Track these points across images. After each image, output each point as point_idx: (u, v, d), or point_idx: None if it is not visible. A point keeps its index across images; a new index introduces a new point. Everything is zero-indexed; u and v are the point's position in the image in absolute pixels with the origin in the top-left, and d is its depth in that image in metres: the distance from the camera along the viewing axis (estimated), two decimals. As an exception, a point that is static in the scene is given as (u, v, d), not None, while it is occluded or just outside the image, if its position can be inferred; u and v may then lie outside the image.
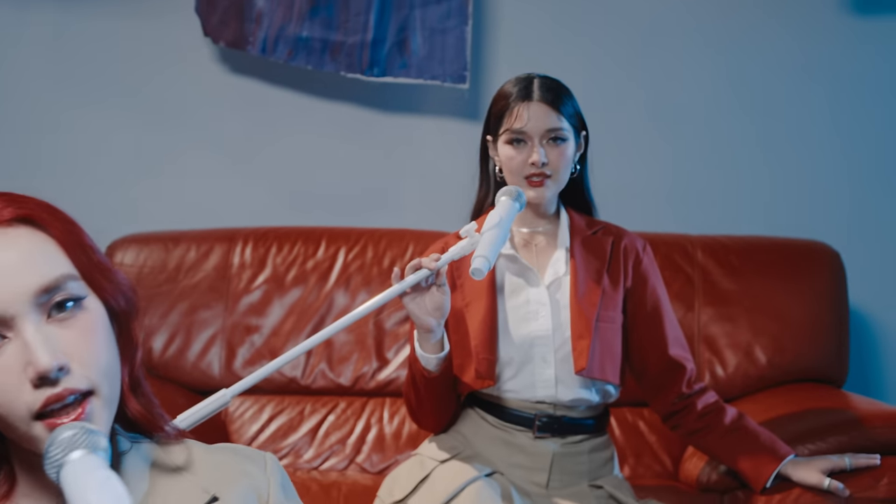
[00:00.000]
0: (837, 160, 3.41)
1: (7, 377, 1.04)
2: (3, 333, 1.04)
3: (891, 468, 2.18)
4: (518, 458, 2.10)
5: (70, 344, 1.06)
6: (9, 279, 1.04)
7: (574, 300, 2.10)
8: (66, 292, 1.07)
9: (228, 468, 1.19)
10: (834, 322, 2.87)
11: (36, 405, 1.03)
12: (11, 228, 1.08)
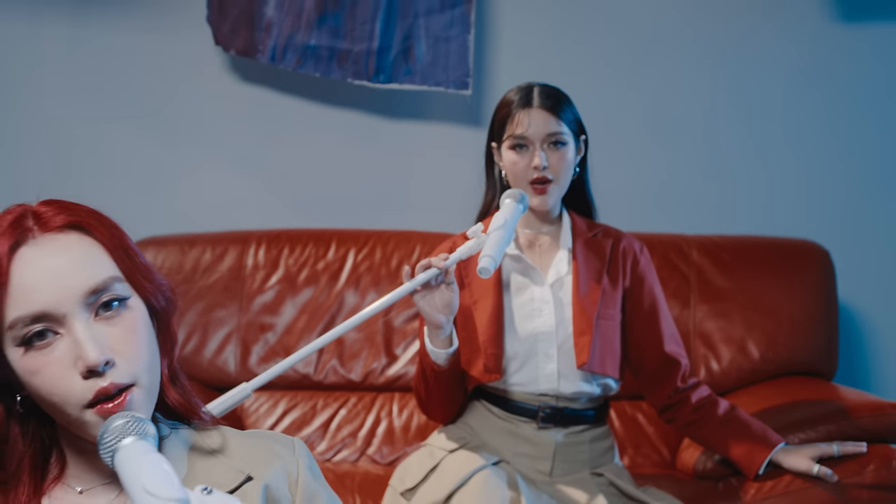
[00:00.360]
0: (827, 162, 3.45)
1: (59, 369, 1.12)
2: (55, 330, 1.12)
3: (877, 455, 2.24)
4: (523, 448, 2.17)
5: (115, 340, 1.14)
6: (61, 282, 1.12)
7: (576, 298, 2.18)
8: (111, 293, 1.15)
9: (261, 451, 1.26)
10: (824, 318, 2.92)
11: (87, 397, 1.12)
12: (63, 234, 1.16)
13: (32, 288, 1.13)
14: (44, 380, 1.14)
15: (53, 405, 1.14)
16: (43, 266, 1.13)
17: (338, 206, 3.40)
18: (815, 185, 3.44)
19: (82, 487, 1.21)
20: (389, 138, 3.42)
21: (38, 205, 1.19)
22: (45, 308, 1.11)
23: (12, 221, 1.16)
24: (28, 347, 1.13)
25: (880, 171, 3.47)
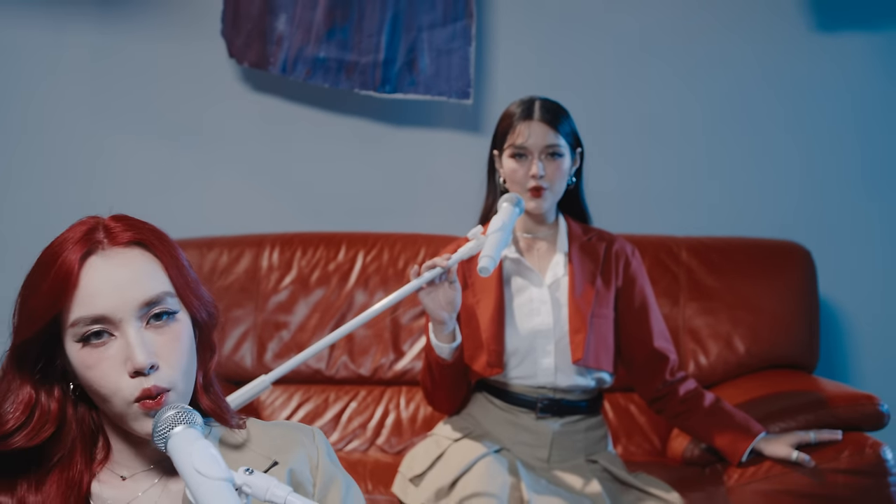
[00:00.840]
0: (808, 167, 3.54)
1: (111, 366, 1.25)
2: (111, 332, 1.24)
3: (851, 442, 2.38)
4: (522, 437, 2.30)
5: (161, 347, 1.26)
6: (121, 291, 1.25)
7: (571, 299, 2.30)
8: (163, 306, 1.27)
9: (284, 439, 1.38)
10: (805, 314, 3.03)
11: (134, 394, 1.24)
12: (128, 249, 1.28)
13: (96, 293, 1.25)
14: (96, 374, 1.26)
15: (102, 397, 1.27)
16: (107, 275, 1.26)
17: (347, 209, 3.47)
18: (797, 189, 3.53)
19: (125, 474, 1.32)
20: (395, 145, 3.50)
21: (108, 219, 1.31)
22: (104, 312, 1.24)
23: (86, 232, 1.29)
24: (85, 344, 1.25)
25: (858, 175, 3.56)
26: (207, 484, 1.14)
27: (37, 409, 1.30)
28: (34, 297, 1.29)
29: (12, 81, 3.50)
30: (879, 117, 3.56)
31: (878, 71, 3.55)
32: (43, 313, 1.26)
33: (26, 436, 1.28)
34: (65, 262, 1.26)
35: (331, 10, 3.29)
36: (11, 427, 1.28)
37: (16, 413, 1.29)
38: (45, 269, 1.29)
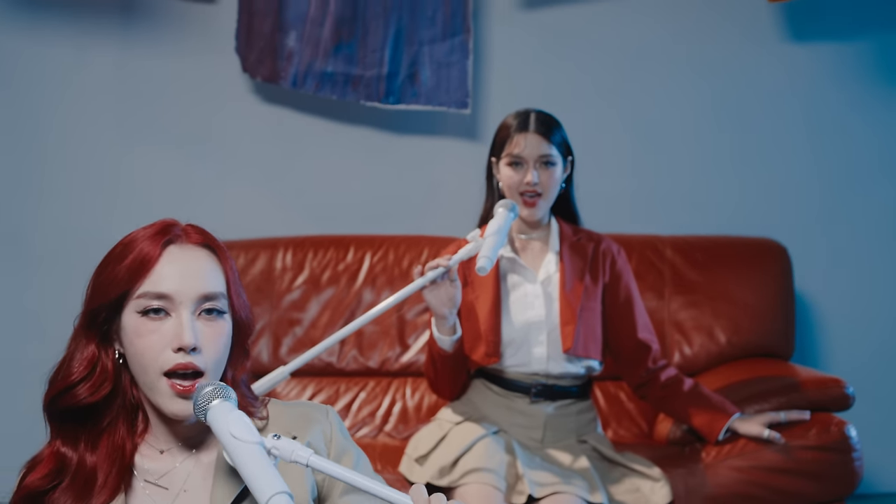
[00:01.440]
0: (785, 170, 3.65)
1: (158, 340, 1.41)
2: (168, 311, 1.41)
3: (818, 422, 2.57)
4: (518, 419, 2.47)
5: (205, 337, 1.43)
6: (187, 280, 1.43)
7: (562, 294, 2.47)
8: (215, 303, 1.44)
9: (301, 417, 1.53)
10: (782, 306, 3.18)
11: (168, 365, 1.40)
12: (199, 248, 1.46)
13: (168, 275, 1.43)
14: (144, 342, 1.42)
15: (142, 365, 1.43)
16: (180, 263, 1.44)
17: (354, 213, 3.59)
18: (774, 190, 3.65)
19: (163, 448, 1.48)
20: (398, 153, 3.62)
21: (185, 224, 1.50)
22: (169, 292, 1.41)
23: (168, 225, 1.47)
24: (144, 315, 1.42)
25: (832, 177, 3.69)
26: (243, 447, 1.30)
27: (98, 365, 1.45)
28: (114, 270, 1.45)
29: (40, 95, 3.62)
30: (850, 122, 3.68)
31: (848, 78, 3.67)
32: (122, 284, 1.42)
33: (88, 388, 1.45)
34: (148, 244, 1.44)
35: (337, 27, 3.41)
36: (76, 378, 1.44)
37: (80, 367, 1.45)
38: (127, 249, 1.45)
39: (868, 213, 3.70)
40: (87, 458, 1.46)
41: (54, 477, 1.48)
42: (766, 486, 2.57)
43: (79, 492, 1.46)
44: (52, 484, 1.48)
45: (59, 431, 1.48)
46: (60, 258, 3.71)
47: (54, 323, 3.56)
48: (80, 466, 1.46)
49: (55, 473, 1.47)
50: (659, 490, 2.45)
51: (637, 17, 3.61)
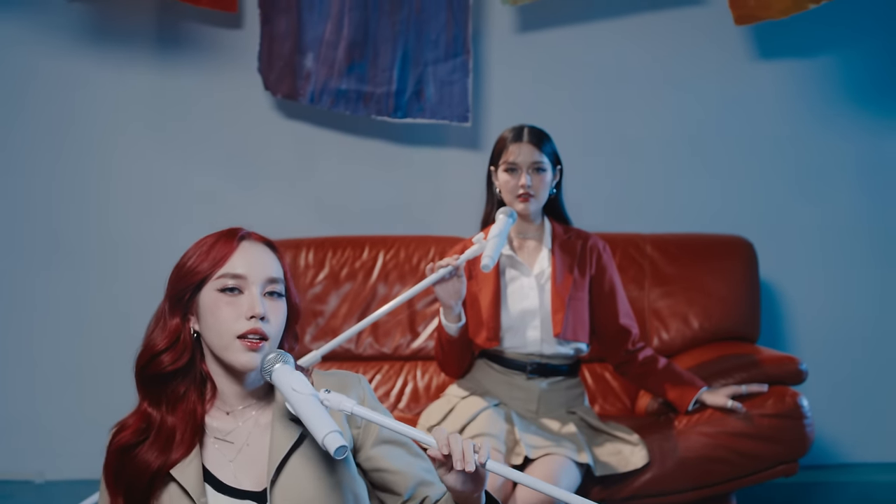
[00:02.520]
0: (752, 174, 3.85)
1: (233, 310, 1.65)
2: (241, 289, 1.66)
3: (775, 393, 2.83)
4: (516, 393, 2.75)
5: (269, 311, 1.68)
6: (257, 265, 1.68)
7: (553, 285, 2.75)
8: (277, 286, 1.70)
9: (340, 382, 1.77)
10: (748, 295, 3.39)
11: (242, 329, 1.64)
12: (262, 245, 1.73)
13: (242, 261, 1.68)
14: (221, 313, 1.64)
15: (217, 331, 1.64)
16: (252, 252, 1.70)
17: (368, 216, 3.76)
18: (741, 192, 3.85)
19: (228, 410, 1.73)
20: (406, 162, 3.80)
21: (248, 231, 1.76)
22: (244, 273, 1.67)
23: (235, 229, 1.73)
24: (222, 291, 1.67)
25: (793, 181, 3.87)
26: (302, 398, 1.57)
27: (180, 335, 1.70)
28: (198, 260, 1.69)
29: (83, 113, 3.78)
30: (812, 132, 3.88)
31: (811, 91, 3.87)
32: (205, 269, 1.68)
33: (171, 356, 1.68)
34: (225, 240, 1.70)
35: (350, 49, 3.59)
36: (161, 347, 1.68)
37: (165, 337, 1.69)
38: (207, 247, 1.70)
39: (825, 212, 3.89)
40: (168, 419, 1.69)
41: (141, 434, 1.70)
42: (730, 449, 2.81)
43: (161, 447, 1.68)
44: (139, 440, 1.70)
45: (146, 395, 1.72)
46: (99, 257, 3.86)
47: (90, 314, 3.86)
48: (162, 425, 1.69)
49: (142, 431, 1.69)
50: (637, 453, 2.73)
51: (620, 39, 3.81)
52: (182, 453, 1.68)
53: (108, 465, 1.72)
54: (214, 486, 1.67)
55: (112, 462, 1.70)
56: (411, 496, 1.74)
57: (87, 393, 3.87)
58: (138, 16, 3.78)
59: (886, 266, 3.96)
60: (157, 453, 1.68)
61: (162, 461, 1.67)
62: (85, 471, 3.73)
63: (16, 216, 3.86)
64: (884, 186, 3.93)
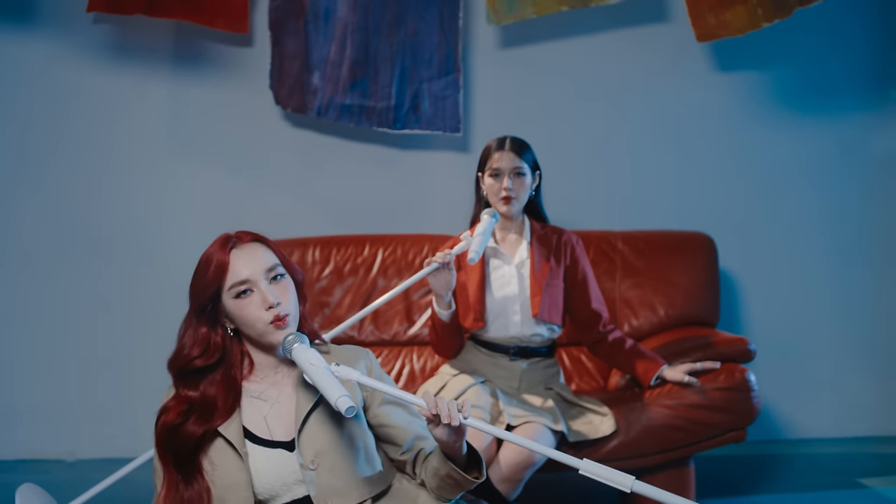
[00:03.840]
0: (711, 176, 4.06)
1: (254, 307, 1.94)
2: (251, 289, 1.94)
3: (726, 370, 3.04)
4: (500, 372, 3.02)
5: (280, 293, 1.97)
6: (254, 264, 1.95)
7: (532, 274, 3.01)
8: (277, 270, 1.98)
9: (350, 354, 2.08)
10: (709, 285, 3.60)
11: (268, 319, 1.94)
12: (251, 244, 2.00)
13: (241, 268, 1.95)
14: (247, 312, 1.94)
15: (250, 324, 1.95)
16: (244, 256, 1.96)
17: (369, 217, 3.97)
18: (703, 193, 4.06)
19: (261, 377, 2.04)
20: (404, 168, 4.01)
21: (235, 232, 2.01)
22: (247, 277, 1.95)
23: (225, 239, 1.98)
24: (238, 297, 1.95)
25: (749, 181, 4.07)
26: (317, 369, 1.88)
27: (210, 341, 1.97)
28: (204, 278, 1.95)
29: (105, 122, 3.97)
30: (765, 136, 4.09)
31: (766, 99, 4.07)
32: (213, 284, 1.95)
33: (203, 359, 1.97)
34: (219, 254, 1.96)
35: (353, 68, 3.81)
36: (194, 355, 1.97)
37: (196, 346, 1.96)
38: (208, 262, 1.97)
39: (778, 209, 4.10)
40: (209, 392, 1.96)
41: (184, 414, 1.96)
42: (687, 419, 3.02)
43: (205, 419, 1.95)
44: (183, 420, 1.96)
45: (183, 385, 1.99)
46: (121, 253, 4.05)
47: (114, 306, 4.05)
48: (203, 400, 1.96)
49: (185, 412, 1.96)
50: (606, 422, 3.00)
51: (593, 54, 4.03)
52: (224, 418, 1.97)
53: (159, 442, 1.99)
54: (252, 440, 1.98)
55: (161, 439, 1.98)
56: (409, 447, 2.07)
57: (113, 380, 4.08)
58: (157, 35, 3.98)
59: (834, 256, 4.16)
60: (202, 424, 1.96)
61: (205, 428, 1.96)
62: (110, 450, 3.99)
63: (46, 215, 4.03)
64: (829, 184, 4.14)
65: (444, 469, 1.97)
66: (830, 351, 4.22)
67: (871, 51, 4.17)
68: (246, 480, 1.95)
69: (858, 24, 4.15)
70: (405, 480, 2.08)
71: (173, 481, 1.95)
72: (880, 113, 4.18)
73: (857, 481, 3.60)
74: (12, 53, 3.98)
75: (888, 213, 4.22)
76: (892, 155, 4.20)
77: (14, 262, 4.06)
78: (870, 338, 4.25)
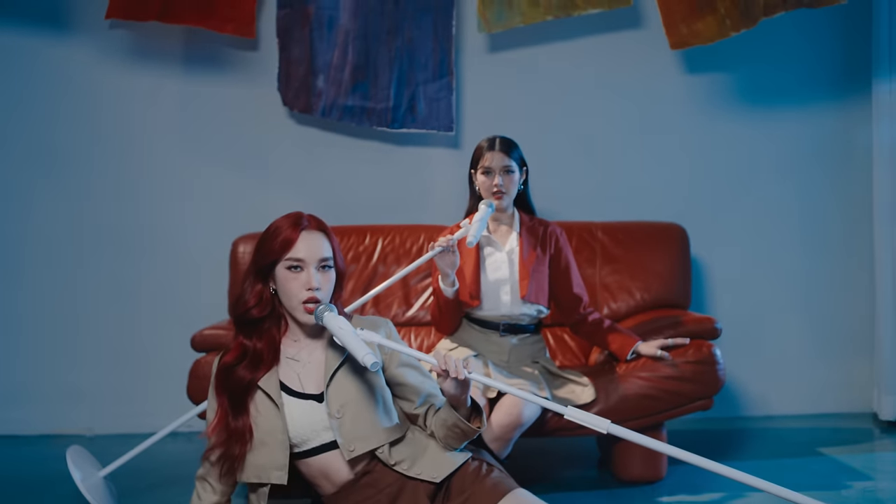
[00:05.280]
0: (684, 171, 4.23)
1: (298, 284, 2.21)
2: (302, 267, 2.21)
3: (694, 345, 3.26)
4: (492, 347, 3.27)
5: (322, 281, 2.24)
6: (313, 250, 2.22)
7: (521, 260, 3.25)
8: (327, 262, 2.25)
9: (372, 322, 2.34)
10: (681, 271, 3.81)
11: (304, 298, 2.22)
12: (317, 231, 2.26)
13: (301, 249, 2.21)
14: (290, 284, 2.21)
15: (287, 295, 2.22)
16: (309, 240, 2.23)
17: (369, 208, 4.13)
18: (676, 187, 4.24)
19: (296, 339, 2.31)
20: (401, 164, 4.19)
21: (308, 215, 2.27)
22: (303, 257, 2.22)
23: (298, 218, 2.24)
24: (289, 270, 2.22)
25: (719, 176, 4.25)
26: (345, 332, 2.15)
27: (263, 295, 2.25)
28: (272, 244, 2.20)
29: (120, 120, 4.13)
30: (734, 134, 4.27)
31: (732, 99, 4.26)
32: (277, 253, 2.22)
33: (258, 310, 2.25)
34: (289, 233, 2.23)
35: (354, 72, 4.00)
36: (251, 305, 2.25)
37: (253, 297, 2.24)
38: (276, 234, 2.22)
39: (745, 201, 4.27)
40: (257, 345, 2.26)
41: (239, 358, 2.25)
42: (660, 389, 3.23)
43: (252, 366, 2.25)
44: (238, 362, 2.26)
45: (242, 331, 2.28)
46: (137, 242, 4.21)
47: (132, 290, 4.23)
48: (254, 350, 2.25)
49: (241, 356, 2.25)
50: (587, 391, 3.25)
51: (576, 57, 4.21)
52: (265, 371, 2.26)
53: (217, 377, 2.29)
54: (287, 393, 2.27)
55: (219, 376, 2.29)
56: (422, 403, 2.36)
57: (128, 361, 4.27)
58: (170, 40, 4.15)
59: (798, 245, 4.34)
60: (249, 371, 2.26)
61: (251, 376, 2.25)
62: (126, 426, 4.19)
63: (68, 206, 4.19)
64: (793, 177, 4.32)
65: (451, 419, 2.25)
66: (795, 335, 4.37)
67: (832, 54, 4.32)
68: (282, 426, 2.24)
69: (819, 30, 4.31)
70: (417, 432, 2.37)
71: (224, 413, 2.25)
72: (840, 111, 4.33)
73: (816, 451, 3.77)
74: (37, 57, 4.14)
75: (847, 204, 4.37)
76: (852, 149, 4.36)
77: (38, 249, 4.21)
78: (831, 323, 4.39)
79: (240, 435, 2.22)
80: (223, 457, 2.24)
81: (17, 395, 4.24)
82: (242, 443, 2.22)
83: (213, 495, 2.32)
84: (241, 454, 2.23)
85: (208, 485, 2.33)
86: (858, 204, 4.38)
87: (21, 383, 4.25)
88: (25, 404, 4.24)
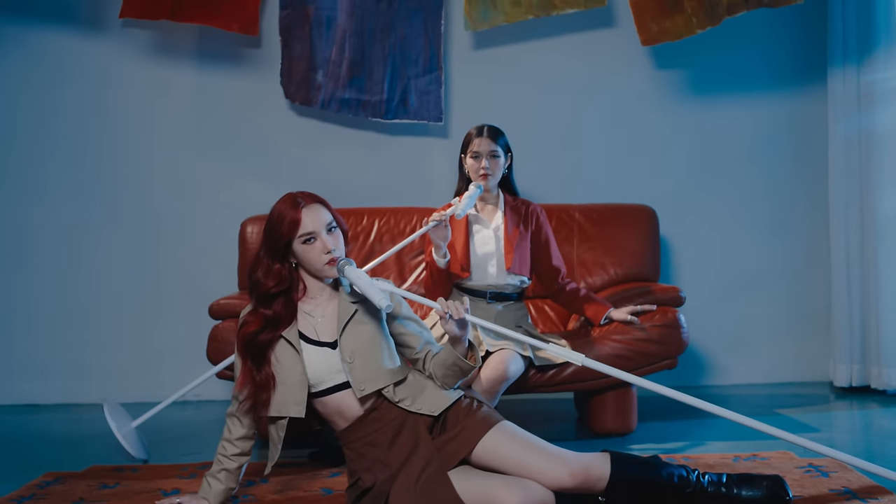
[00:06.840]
0: (655, 157, 4.44)
1: (316, 252, 2.52)
2: (315, 238, 2.52)
3: (660, 311, 3.58)
4: (479, 313, 3.55)
5: (334, 241, 2.55)
6: (318, 221, 2.53)
7: (506, 236, 3.55)
8: (332, 224, 2.57)
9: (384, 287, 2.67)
10: (651, 249, 4.09)
11: (326, 260, 2.53)
12: (316, 204, 2.57)
13: (308, 223, 2.51)
14: (311, 256, 2.52)
15: (311, 264, 2.53)
16: (311, 213, 2.54)
17: (365, 192, 4.34)
18: (648, 171, 4.46)
19: (312, 297, 2.61)
20: (394, 152, 4.42)
21: (298, 193, 2.57)
22: (313, 229, 2.52)
23: (294, 200, 2.55)
24: (304, 243, 2.53)
25: (686, 162, 4.47)
26: (363, 280, 2.46)
27: (280, 273, 2.55)
28: (280, 227, 2.50)
29: (134, 111, 4.33)
30: (699, 123, 4.49)
31: (698, 92, 4.49)
32: (287, 234, 2.51)
33: (276, 287, 2.54)
34: (293, 214, 2.52)
35: (351, 67, 4.24)
36: (269, 283, 2.54)
37: (270, 277, 2.54)
38: (281, 218, 2.51)
39: (710, 184, 4.50)
40: (276, 308, 2.55)
41: (260, 326, 2.54)
42: (631, 349, 3.53)
43: (273, 329, 2.54)
44: (259, 330, 2.54)
45: (261, 304, 2.57)
46: (149, 227, 4.40)
47: (140, 273, 4.42)
48: (274, 316, 2.54)
49: (261, 325, 2.54)
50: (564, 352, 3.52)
51: (554, 54, 4.43)
52: (286, 326, 2.56)
53: (239, 343, 2.58)
54: (306, 341, 2.59)
55: (241, 343, 2.58)
56: (421, 349, 2.68)
57: (138, 335, 4.47)
58: (180, 37, 4.36)
59: (761, 226, 4.55)
60: (271, 332, 2.56)
61: (273, 335, 2.56)
62: (138, 395, 4.37)
63: (85, 192, 4.39)
64: (757, 162, 4.53)
65: (451, 358, 2.58)
66: (757, 310, 4.57)
67: (791, 50, 4.52)
68: (302, 369, 2.57)
69: (778, 28, 4.51)
70: (417, 374, 2.70)
71: (248, 371, 2.56)
72: (798, 102, 4.53)
73: (774, 411, 4.03)
74: (55, 54, 4.35)
75: (806, 189, 4.57)
76: (810, 138, 4.56)
77: (54, 232, 4.41)
78: (791, 299, 4.59)
79: (265, 384, 2.52)
80: (251, 400, 2.55)
81: (33, 369, 4.38)
82: (267, 389, 2.53)
83: (241, 429, 2.65)
84: (266, 399, 2.54)
85: (237, 420, 2.65)
86: (816, 189, 4.52)
87: (37, 358, 4.39)
88: (41, 377, 4.39)
